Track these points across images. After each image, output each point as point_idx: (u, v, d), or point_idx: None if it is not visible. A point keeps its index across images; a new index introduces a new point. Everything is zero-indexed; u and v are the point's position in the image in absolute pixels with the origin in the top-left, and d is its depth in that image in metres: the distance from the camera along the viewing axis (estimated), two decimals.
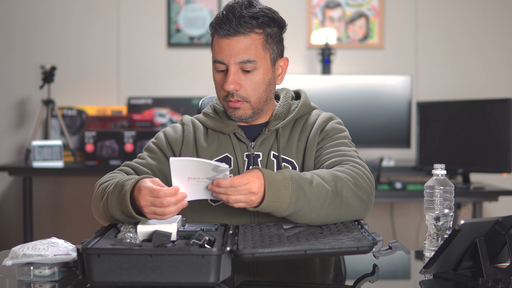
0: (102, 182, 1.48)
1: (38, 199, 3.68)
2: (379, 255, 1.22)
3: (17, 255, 1.22)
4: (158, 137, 1.61)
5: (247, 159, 1.54)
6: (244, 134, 1.56)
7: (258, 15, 1.47)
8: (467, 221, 1.15)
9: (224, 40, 1.47)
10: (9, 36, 3.73)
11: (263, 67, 1.49)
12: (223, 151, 1.55)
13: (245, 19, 1.45)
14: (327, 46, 3.51)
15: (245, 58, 1.46)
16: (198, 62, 3.73)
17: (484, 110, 3.12)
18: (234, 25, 1.45)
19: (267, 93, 1.52)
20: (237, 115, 1.52)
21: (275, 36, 1.51)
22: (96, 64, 3.74)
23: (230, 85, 1.47)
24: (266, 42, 1.48)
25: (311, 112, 1.63)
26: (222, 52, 1.47)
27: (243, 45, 1.46)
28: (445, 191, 1.38)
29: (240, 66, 1.47)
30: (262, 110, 1.54)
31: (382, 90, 3.41)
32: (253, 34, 1.46)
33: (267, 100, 1.53)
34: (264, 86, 1.50)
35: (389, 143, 3.42)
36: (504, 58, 3.72)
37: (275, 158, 1.54)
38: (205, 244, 1.18)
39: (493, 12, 3.72)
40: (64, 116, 3.63)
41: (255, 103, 1.51)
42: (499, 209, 3.54)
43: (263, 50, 1.48)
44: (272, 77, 1.53)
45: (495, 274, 1.18)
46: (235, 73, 1.47)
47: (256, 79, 1.49)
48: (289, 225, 1.40)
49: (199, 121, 1.62)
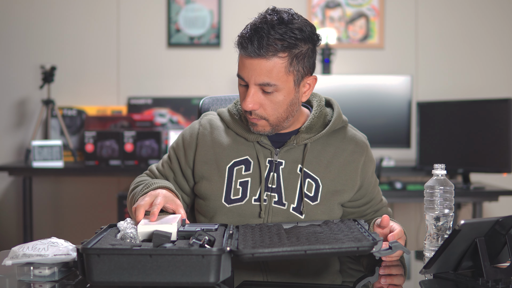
0: (136, 183, 1.60)
1: (38, 199, 3.68)
2: (379, 255, 1.22)
3: (17, 255, 1.22)
4: (177, 142, 1.62)
5: (269, 164, 1.52)
6: (268, 140, 1.54)
7: (285, 37, 1.40)
8: (467, 221, 1.15)
9: (247, 60, 1.43)
10: (9, 36, 3.73)
11: (285, 89, 1.44)
12: (244, 153, 1.53)
13: (269, 41, 1.39)
14: (327, 46, 3.51)
15: (265, 81, 1.42)
16: (198, 62, 3.73)
17: (484, 110, 3.12)
18: (256, 47, 1.39)
19: (287, 112, 1.48)
20: (256, 130, 1.50)
21: (303, 56, 1.44)
22: (96, 64, 3.74)
23: (248, 104, 1.44)
24: (290, 65, 1.42)
25: (346, 128, 1.60)
26: (244, 71, 1.44)
27: (264, 68, 1.41)
28: (445, 191, 1.38)
29: (260, 87, 1.44)
30: (284, 126, 1.51)
31: (382, 90, 3.41)
32: (275, 58, 1.40)
33: (288, 118, 1.49)
34: (284, 107, 1.46)
35: (389, 143, 3.42)
36: (504, 58, 3.72)
37: (300, 171, 1.52)
38: (205, 244, 1.18)
39: (493, 12, 3.72)
40: (64, 116, 3.63)
41: (274, 122, 1.48)
42: (499, 209, 3.54)
43: (286, 73, 1.42)
44: (295, 97, 1.47)
45: (495, 274, 1.18)
46: (254, 93, 1.43)
47: (277, 100, 1.45)
48: (289, 225, 1.40)
49: (223, 118, 1.60)
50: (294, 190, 1.51)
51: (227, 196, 1.50)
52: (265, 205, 1.49)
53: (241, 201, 1.50)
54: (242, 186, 1.50)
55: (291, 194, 1.50)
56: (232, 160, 1.53)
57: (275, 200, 1.49)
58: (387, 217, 1.39)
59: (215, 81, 3.69)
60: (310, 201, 1.50)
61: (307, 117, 1.58)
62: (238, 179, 1.51)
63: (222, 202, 1.50)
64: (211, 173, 1.53)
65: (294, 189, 1.51)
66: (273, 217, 1.49)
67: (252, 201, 1.49)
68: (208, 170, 1.54)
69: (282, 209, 1.49)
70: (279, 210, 1.49)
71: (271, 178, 1.51)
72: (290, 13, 1.44)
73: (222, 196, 1.50)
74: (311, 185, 1.51)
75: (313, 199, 1.51)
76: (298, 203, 1.50)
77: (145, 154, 3.31)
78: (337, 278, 1.34)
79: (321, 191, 1.51)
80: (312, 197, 1.51)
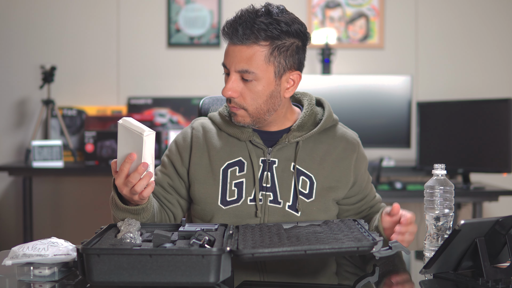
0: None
1: (38, 199, 3.68)
2: (379, 255, 1.22)
3: (17, 255, 1.22)
4: (170, 149, 1.62)
5: (262, 164, 1.53)
6: (260, 139, 1.55)
7: (270, 28, 1.42)
8: (467, 221, 1.15)
9: (230, 46, 1.47)
10: (9, 36, 3.73)
11: (264, 79, 1.45)
12: (237, 154, 1.54)
13: (252, 29, 1.42)
14: (327, 46, 3.51)
15: (244, 68, 1.44)
16: (198, 62, 3.73)
17: (484, 110, 3.12)
18: (240, 34, 1.42)
19: (268, 105, 1.49)
20: (236, 120, 1.52)
21: (286, 49, 1.45)
22: (96, 64, 3.74)
23: (227, 91, 1.47)
24: (271, 55, 1.44)
25: (336, 126, 1.61)
26: (227, 57, 1.47)
27: (244, 55, 1.44)
28: (445, 191, 1.38)
29: (240, 75, 1.46)
30: (266, 119, 1.51)
31: (382, 90, 3.41)
32: (256, 46, 1.43)
33: (269, 111, 1.50)
34: (264, 98, 1.47)
35: (389, 143, 3.42)
36: (504, 58, 3.72)
37: (293, 169, 1.52)
38: (205, 244, 1.18)
39: (493, 12, 3.72)
40: (64, 116, 3.63)
41: (253, 113, 1.49)
42: (499, 209, 3.54)
43: (266, 62, 1.44)
44: (275, 90, 1.48)
45: (495, 274, 1.18)
46: (234, 80, 1.46)
47: (255, 90, 1.46)
48: (289, 225, 1.40)
49: (214, 121, 1.61)
50: (288, 188, 1.51)
51: (223, 198, 1.51)
52: (261, 204, 1.50)
53: (237, 202, 1.50)
54: (237, 187, 1.51)
55: (286, 192, 1.51)
56: (225, 162, 1.53)
57: (271, 199, 1.50)
58: (397, 205, 1.42)
59: (215, 81, 3.69)
60: (305, 198, 1.51)
61: (298, 115, 1.59)
62: (232, 180, 1.51)
63: (218, 204, 1.51)
64: (206, 177, 1.54)
65: (289, 187, 1.51)
66: (270, 216, 1.49)
67: (248, 201, 1.50)
68: (202, 173, 1.54)
69: (278, 208, 1.50)
70: (275, 209, 1.50)
71: (265, 178, 1.51)
72: (280, 9, 1.47)
73: (218, 198, 1.51)
74: (305, 182, 1.52)
75: (308, 196, 1.51)
76: (294, 201, 1.51)
77: None
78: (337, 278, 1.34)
79: (315, 188, 1.52)
80: (307, 194, 1.51)
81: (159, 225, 1.39)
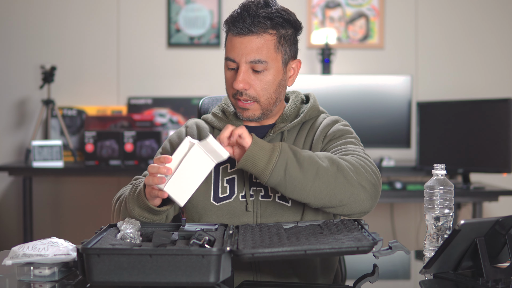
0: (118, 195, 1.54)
1: (38, 199, 3.68)
2: (379, 255, 1.22)
3: (17, 255, 1.22)
4: (164, 147, 1.63)
5: None
6: None
7: (273, 16, 1.46)
8: (467, 221, 1.15)
9: (237, 39, 1.46)
10: (9, 36, 3.73)
11: (274, 68, 1.47)
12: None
13: (259, 18, 1.44)
14: (327, 46, 3.51)
15: (256, 58, 1.45)
16: (198, 62, 3.73)
17: (484, 110, 3.12)
18: (248, 24, 1.44)
19: (276, 94, 1.51)
20: (246, 115, 1.51)
21: (289, 37, 1.49)
22: (96, 64, 3.74)
23: (239, 83, 1.46)
24: (279, 43, 1.47)
25: (319, 116, 1.62)
26: (234, 50, 1.47)
27: (255, 45, 1.45)
28: (445, 191, 1.38)
29: (250, 66, 1.46)
30: (272, 111, 1.53)
31: (382, 90, 3.41)
32: (266, 34, 1.45)
33: (276, 101, 1.52)
34: (274, 87, 1.49)
35: (389, 143, 3.42)
36: (504, 58, 3.72)
37: None
38: (205, 244, 1.18)
39: (493, 11, 3.72)
40: (64, 116, 3.63)
41: (264, 104, 1.50)
42: (499, 209, 3.54)
43: (275, 51, 1.47)
44: (283, 78, 1.51)
45: (495, 274, 1.18)
46: (245, 72, 1.46)
47: (266, 80, 1.47)
48: (289, 225, 1.40)
49: (207, 121, 1.62)
50: None
51: (215, 195, 1.51)
52: (252, 200, 1.49)
53: (230, 198, 1.50)
54: (229, 184, 1.51)
55: None
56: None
57: (262, 194, 1.50)
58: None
59: (215, 81, 3.69)
60: None
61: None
62: (224, 177, 1.52)
63: (211, 201, 1.51)
64: None
65: None
66: (262, 210, 1.49)
67: (240, 197, 1.50)
68: None
69: (269, 201, 1.49)
70: (266, 203, 1.49)
71: None
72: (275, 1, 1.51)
73: (210, 195, 1.51)
74: None
75: None
76: None
77: (145, 154, 3.31)
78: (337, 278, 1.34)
79: None
80: None
81: (159, 225, 1.39)
